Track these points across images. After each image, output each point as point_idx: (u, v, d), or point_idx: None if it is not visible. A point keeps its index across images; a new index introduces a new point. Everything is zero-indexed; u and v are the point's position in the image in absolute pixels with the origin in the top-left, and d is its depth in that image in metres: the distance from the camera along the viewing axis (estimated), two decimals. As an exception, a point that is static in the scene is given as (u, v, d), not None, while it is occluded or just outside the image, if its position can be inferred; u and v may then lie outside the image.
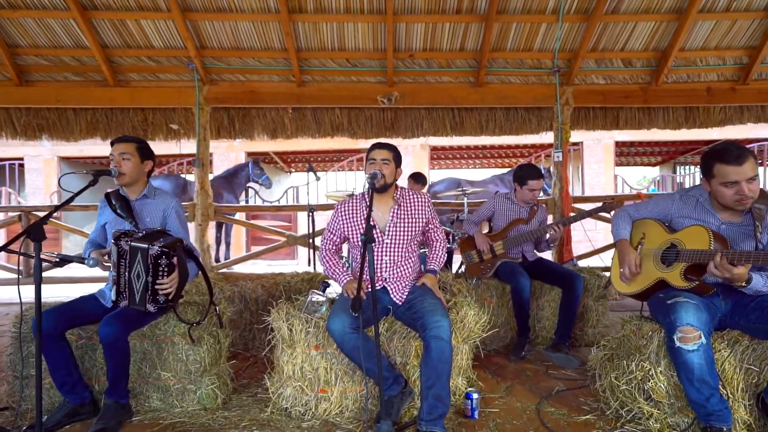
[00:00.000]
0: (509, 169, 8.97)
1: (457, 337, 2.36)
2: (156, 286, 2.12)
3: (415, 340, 2.29)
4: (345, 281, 2.39)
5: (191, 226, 5.40)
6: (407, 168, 9.38)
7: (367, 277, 2.36)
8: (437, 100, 5.26)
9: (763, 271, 1.97)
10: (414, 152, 9.22)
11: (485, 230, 3.50)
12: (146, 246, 2.08)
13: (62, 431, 2.10)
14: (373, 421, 2.09)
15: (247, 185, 8.83)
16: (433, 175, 10.06)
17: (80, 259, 2.08)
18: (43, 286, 1.83)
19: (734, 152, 1.94)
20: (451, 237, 4.41)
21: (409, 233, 2.41)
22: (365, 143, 9.70)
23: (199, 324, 2.31)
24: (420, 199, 2.48)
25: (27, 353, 2.23)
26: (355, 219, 2.44)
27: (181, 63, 5.00)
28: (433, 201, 6.08)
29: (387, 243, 2.39)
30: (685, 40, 4.88)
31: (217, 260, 8.18)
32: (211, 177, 9.26)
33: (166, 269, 2.13)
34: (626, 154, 11.86)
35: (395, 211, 2.41)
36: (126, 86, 5.14)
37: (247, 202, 9.37)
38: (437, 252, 2.51)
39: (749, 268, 1.90)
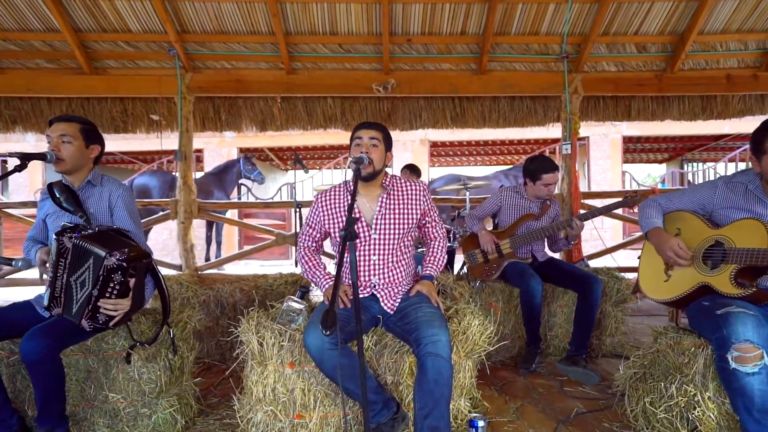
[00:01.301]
0: (513, 165, 8.59)
1: (459, 351, 2.00)
2: (99, 304, 1.76)
3: (409, 355, 1.93)
4: (326, 286, 2.03)
5: (173, 224, 5.08)
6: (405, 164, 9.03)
7: (349, 282, 2.01)
8: (437, 88, 4.90)
9: (834, 275, 1.61)
10: (413, 148, 8.85)
11: (489, 227, 3.14)
12: (103, 253, 1.72)
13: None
14: (359, 453, 1.74)
15: (239, 182, 8.50)
16: (433, 172, 9.70)
17: (6, 261, 1.72)
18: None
19: None
20: (451, 235, 4.06)
21: (401, 227, 2.04)
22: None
23: (145, 346, 1.94)
24: (414, 188, 2.12)
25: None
26: (337, 211, 2.08)
27: (161, 49, 4.65)
28: (432, 197, 5.65)
29: (375, 239, 2.03)
30: (704, 23, 4.52)
31: (208, 260, 7.83)
32: (201, 174, 8.98)
33: (117, 287, 1.77)
34: (632, 150, 11.47)
35: (384, 200, 2.05)
36: (103, 74, 4.79)
37: (239, 199, 9.03)
38: (436, 253, 2.14)
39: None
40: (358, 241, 2.03)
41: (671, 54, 4.76)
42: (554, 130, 5.42)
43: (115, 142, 9.49)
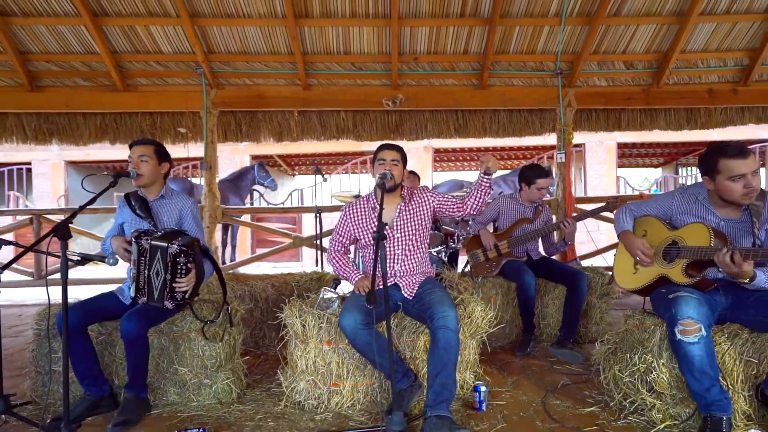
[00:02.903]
0: (512, 170, 9.01)
1: (464, 332, 2.42)
2: (174, 284, 2.20)
3: (425, 335, 2.35)
4: (356, 279, 2.47)
5: (199, 228, 5.52)
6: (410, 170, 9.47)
7: (380, 274, 2.45)
8: (441, 102, 5.34)
9: (764, 267, 2.03)
10: (417, 154, 9.29)
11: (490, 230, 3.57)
12: (165, 245, 2.16)
13: (84, 424, 2.17)
14: (385, 413, 2.16)
15: (253, 187, 8.91)
16: (437, 177, 10.13)
17: (101, 258, 2.16)
18: (53, 288, 1.91)
19: (737, 147, 2.05)
20: (455, 237, 4.48)
21: (417, 226, 2.49)
22: (368, 146, 9.80)
23: (213, 322, 2.38)
24: (422, 195, 2.56)
25: (49, 349, 2.31)
26: (364, 220, 2.52)
27: (189, 68, 5.09)
28: None
29: (397, 237, 2.47)
30: (686, 43, 4.95)
31: (223, 263, 8.26)
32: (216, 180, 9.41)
33: (184, 268, 2.21)
34: (628, 155, 11.91)
35: (401, 207, 2.49)
36: (134, 91, 5.23)
37: (252, 204, 9.46)
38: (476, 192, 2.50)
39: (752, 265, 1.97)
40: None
41: (657, 70, 5.19)
42: (550, 138, 5.83)
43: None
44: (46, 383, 2.32)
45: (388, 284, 2.43)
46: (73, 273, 5.47)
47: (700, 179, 2.21)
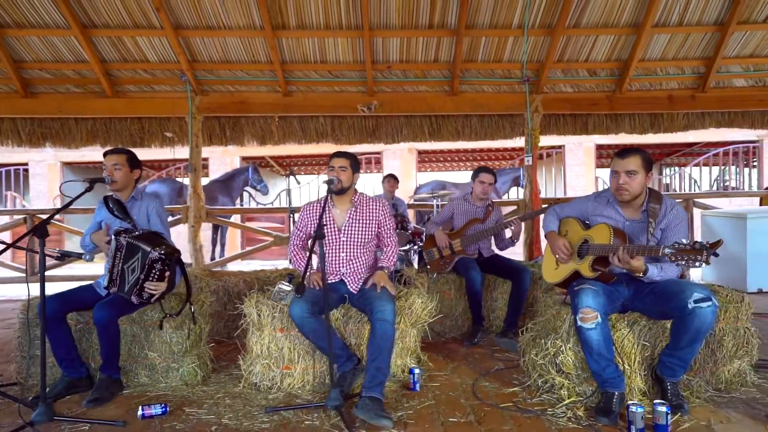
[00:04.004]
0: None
1: (405, 321, 2.70)
2: (144, 285, 2.47)
3: (367, 324, 2.63)
4: (312, 273, 2.74)
5: (184, 228, 5.80)
6: (394, 171, 9.73)
7: (329, 269, 2.74)
8: (415, 108, 5.62)
9: (659, 262, 2.30)
10: (402, 156, 9.58)
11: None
12: (149, 249, 2.42)
13: (62, 401, 2.46)
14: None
15: (244, 189, 9.17)
16: (421, 178, 10.41)
17: (78, 255, 2.44)
18: (49, 284, 2.18)
19: (625, 149, 2.36)
20: (424, 236, 4.76)
21: (364, 233, 2.75)
22: (354, 148, 10.06)
23: (173, 316, 2.65)
24: (375, 204, 2.82)
25: (33, 336, 2.60)
26: (315, 218, 2.79)
27: (174, 75, 5.37)
28: (417, 202, 6.35)
29: (344, 240, 2.74)
30: (643, 52, 5.22)
31: (213, 260, 8.54)
32: (208, 180, 9.71)
33: (157, 274, 2.48)
34: (609, 156, 12.20)
35: (352, 213, 2.76)
36: (123, 97, 5.51)
37: (242, 204, 9.74)
38: (389, 253, 2.82)
39: (645, 260, 2.24)
40: (331, 240, 2.74)
41: (619, 77, 5.46)
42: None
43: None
44: (30, 366, 2.60)
45: (335, 280, 2.72)
46: (66, 270, 5.77)
47: (684, 180, 2.50)
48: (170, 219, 6.09)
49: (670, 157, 12.95)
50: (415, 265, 4.88)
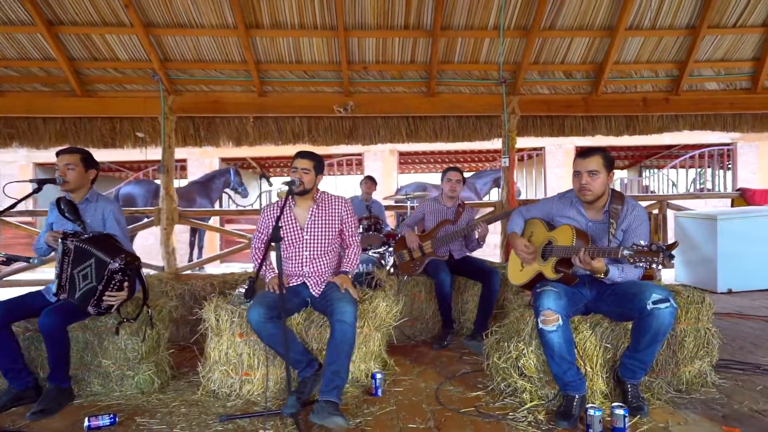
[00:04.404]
0: (473, 173, 9.29)
1: (369, 325, 2.65)
2: (104, 296, 2.37)
3: (329, 328, 2.56)
4: (270, 276, 2.68)
5: (157, 230, 5.68)
6: (376, 173, 9.69)
7: (287, 274, 2.68)
8: (392, 109, 5.58)
9: (620, 264, 2.28)
10: (383, 157, 9.54)
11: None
12: (108, 259, 2.32)
13: (6, 414, 2.35)
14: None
15: (224, 191, 9.04)
16: (402, 180, 10.39)
17: (26, 259, 2.34)
18: (8, 289, 2.07)
19: (587, 150, 2.35)
20: (399, 237, 4.71)
21: (327, 230, 2.70)
22: (336, 149, 9.97)
23: (131, 321, 2.56)
24: (338, 202, 2.77)
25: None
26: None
27: (146, 74, 5.26)
28: (397, 204, 6.25)
29: (307, 239, 2.68)
30: (618, 54, 5.25)
31: (190, 262, 8.39)
32: (186, 182, 9.55)
33: (117, 284, 2.39)
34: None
35: (314, 210, 2.70)
36: (94, 96, 5.38)
37: (221, 206, 9.60)
38: (350, 256, 2.76)
39: (606, 261, 2.22)
40: (293, 239, 2.68)
41: (594, 79, 5.49)
42: (519, 141, 6.03)
43: (104, 153, 10.04)
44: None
45: (297, 283, 2.66)
46: (28, 275, 5.62)
47: (663, 181, 2.49)
48: (144, 221, 5.98)
49: (649, 159, 13.11)
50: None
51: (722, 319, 3.69)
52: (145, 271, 6.57)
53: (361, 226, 4.52)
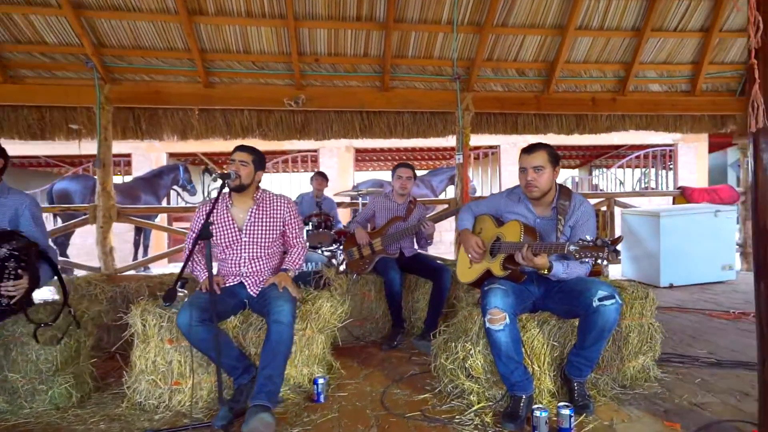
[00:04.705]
0: (429, 171, 9.29)
1: (312, 327, 2.51)
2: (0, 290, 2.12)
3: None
4: (204, 278, 2.48)
5: (92, 229, 5.28)
6: (331, 169, 9.51)
7: (224, 274, 2.49)
8: (345, 103, 5.42)
9: (566, 260, 2.25)
10: (339, 154, 9.38)
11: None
12: None
13: None
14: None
15: (173, 188, 8.61)
16: (359, 177, 10.27)
17: None
18: None
19: (531, 145, 2.32)
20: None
21: (268, 232, 2.53)
22: (290, 145, 9.71)
23: (49, 325, 2.31)
24: (280, 202, 2.60)
25: None
26: (214, 218, 2.53)
27: (79, 60, 4.87)
28: (353, 201, 6.07)
29: (246, 241, 2.50)
30: (568, 54, 5.33)
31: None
32: (130, 178, 9.02)
33: (13, 273, 2.14)
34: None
35: (254, 211, 2.53)
36: (19, 83, 4.93)
37: (168, 203, 9.14)
38: (293, 256, 2.61)
39: (551, 258, 2.18)
40: (231, 241, 2.50)
41: (546, 78, 5.54)
42: (475, 139, 6.02)
43: (38, 146, 9.34)
44: None
45: (234, 283, 2.48)
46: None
47: (611, 180, 2.43)
48: (79, 219, 5.55)
49: (598, 159, 13.58)
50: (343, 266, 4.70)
51: (664, 312, 3.79)
52: (76, 272, 6.13)
53: (310, 223, 4.35)
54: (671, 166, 10.60)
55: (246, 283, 2.48)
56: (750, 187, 1.78)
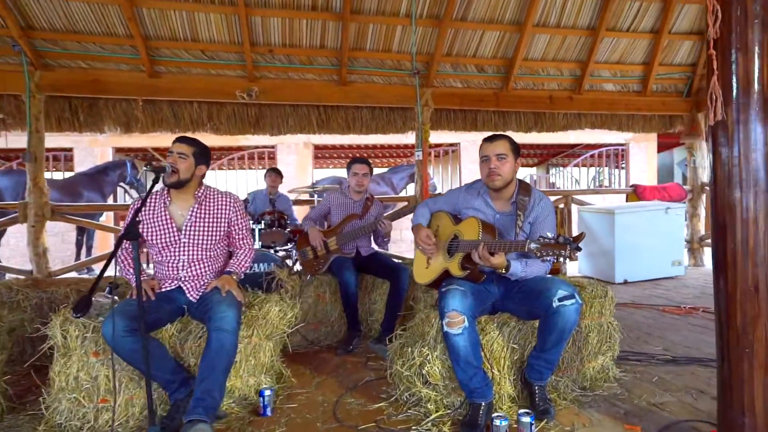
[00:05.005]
0: (390, 168, 9.18)
1: (259, 334, 2.32)
2: None
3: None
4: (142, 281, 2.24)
5: (23, 228, 4.84)
6: (290, 166, 9.23)
7: (160, 277, 2.26)
8: (301, 97, 5.21)
9: (525, 258, 2.16)
10: (297, 150, 9.10)
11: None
12: None
13: None
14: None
15: (120, 185, 8.09)
16: (318, 174, 10.03)
17: None
18: None
19: (493, 135, 2.23)
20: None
21: (211, 234, 2.32)
22: (247, 141, 9.35)
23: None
24: (225, 200, 2.39)
25: None
26: (150, 217, 2.30)
27: (5, 44, 4.43)
28: (311, 198, 5.80)
29: (185, 242, 2.28)
30: (526, 51, 5.33)
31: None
32: (72, 174, 8.41)
33: None
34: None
35: (195, 210, 2.31)
36: (-69, 66, 4.44)
37: (115, 201, 8.61)
38: (240, 257, 2.40)
39: (509, 256, 2.09)
40: (169, 242, 2.27)
41: (505, 75, 5.52)
42: (436, 137, 5.93)
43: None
44: None
45: (171, 287, 2.26)
46: None
47: (567, 179, 2.33)
48: (9, 217, 5.08)
49: (555, 158, 13.90)
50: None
51: (620, 309, 3.82)
52: (8, 276, 5.59)
53: (263, 222, 4.13)
54: (623, 165, 10.96)
55: (185, 288, 2.26)
56: (710, 183, 1.74)
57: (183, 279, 2.26)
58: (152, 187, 2.05)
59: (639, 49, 5.63)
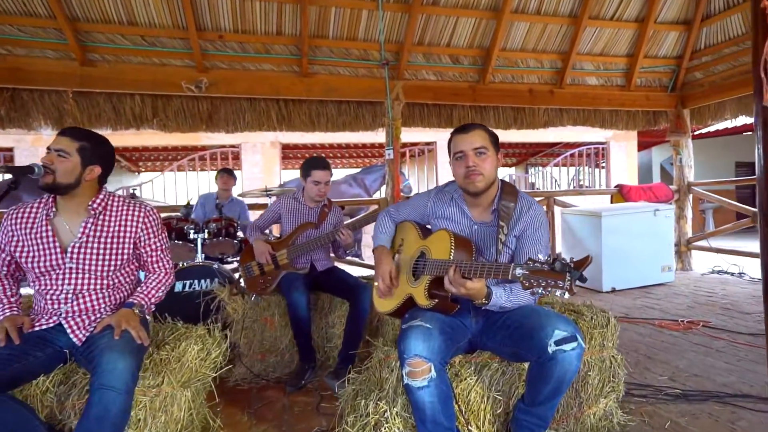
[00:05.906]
0: (363, 168, 8.69)
1: (171, 382, 1.79)
2: None
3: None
4: (3, 317, 1.70)
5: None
6: (256, 167, 8.65)
7: (36, 311, 1.73)
8: (257, 89, 4.67)
9: (511, 283, 1.69)
10: (263, 150, 8.51)
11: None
12: None
13: None
14: None
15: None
16: (285, 175, 9.46)
17: None
18: None
19: (464, 125, 1.79)
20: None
21: (106, 258, 1.78)
22: (208, 140, 8.71)
23: None
24: (132, 212, 1.85)
25: None
26: (30, 232, 1.74)
27: None
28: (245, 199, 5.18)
29: (70, 267, 1.74)
30: (504, 40, 4.92)
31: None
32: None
33: None
34: (482, 154, 12.36)
35: (88, 225, 1.77)
36: None
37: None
38: (150, 284, 1.88)
39: (489, 282, 1.62)
40: (49, 265, 1.73)
41: (482, 67, 5.09)
42: (411, 135, 5.50)
43: None
44: None
45: (48, 325, 1.71)
46: None
47: (546, 178, 1.86)
48: None
49: (534, 157, 13.62)
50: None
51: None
52: None
53: (207, 230, 3.58)
54: (603, 165, 10.70)
55: (66, 326, 1.71)
56: (758, 172, 1.30)
57: (64, 314, 1.72)
58: (6, 193, 1.50)
59: (623, 40, 5.28)
